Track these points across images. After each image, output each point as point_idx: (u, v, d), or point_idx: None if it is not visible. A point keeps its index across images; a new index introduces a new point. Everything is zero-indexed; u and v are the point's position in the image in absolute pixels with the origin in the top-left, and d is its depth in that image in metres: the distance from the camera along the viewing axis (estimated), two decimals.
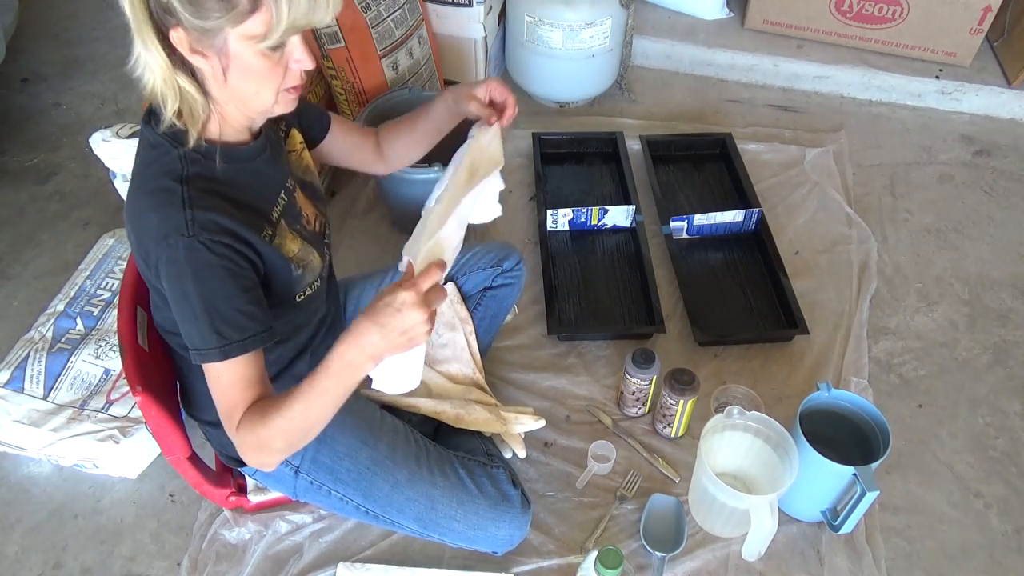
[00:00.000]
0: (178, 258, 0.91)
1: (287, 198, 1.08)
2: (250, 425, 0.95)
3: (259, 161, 1.04)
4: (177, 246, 0.90)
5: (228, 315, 0.93)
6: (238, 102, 0.95)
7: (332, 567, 1.34)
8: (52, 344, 1.60)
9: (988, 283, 1.87)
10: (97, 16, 2.70)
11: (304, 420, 0.94)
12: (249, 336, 0.95)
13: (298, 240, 1.08)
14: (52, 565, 1.37)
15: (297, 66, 0.94)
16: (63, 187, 2.08)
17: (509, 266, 1.50)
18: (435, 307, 0.91)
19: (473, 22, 2.10)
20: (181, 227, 0.90)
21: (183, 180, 0.93)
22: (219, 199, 0.95)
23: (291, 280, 1.06)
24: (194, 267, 0.91)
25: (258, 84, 0.93)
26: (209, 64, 0.90)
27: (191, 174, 0.94)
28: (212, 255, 0.91)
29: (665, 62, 2.49)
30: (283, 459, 1.01)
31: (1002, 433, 1.58)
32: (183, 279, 0.91)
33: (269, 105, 0.96)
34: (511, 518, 1.27)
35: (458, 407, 1.40)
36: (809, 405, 1.34)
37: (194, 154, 0.95)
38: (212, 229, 0.92)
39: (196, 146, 0.95)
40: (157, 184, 0.94)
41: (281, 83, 0.94)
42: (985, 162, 2.20)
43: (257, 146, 1.03)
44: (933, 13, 2.25)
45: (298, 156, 1.18)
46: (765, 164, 2.13)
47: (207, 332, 0.93)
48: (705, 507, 1.36)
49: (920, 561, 1.39)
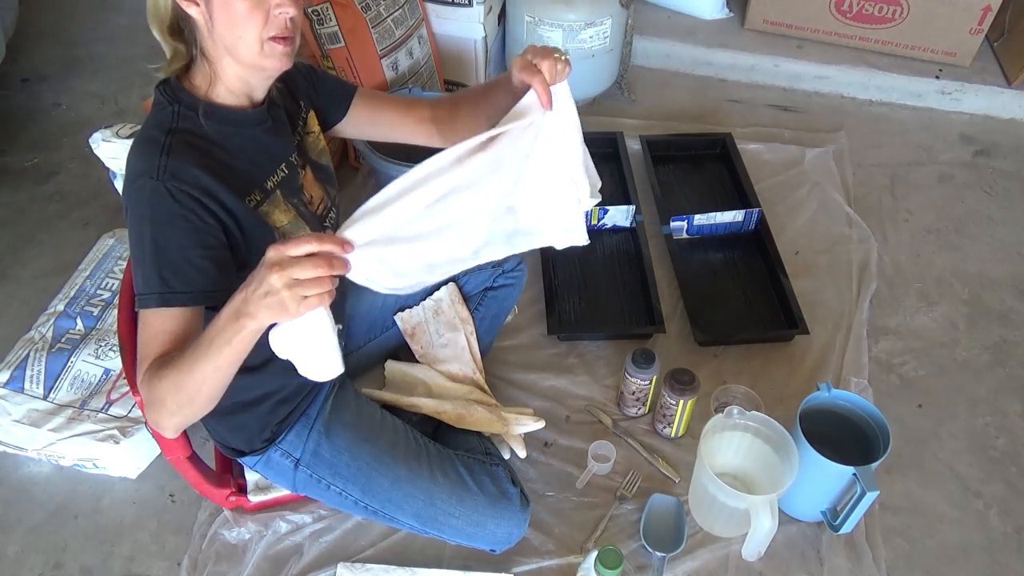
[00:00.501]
0: (142, 200, 0.93)
1: (287, 171, 1.10)
2: (147, 379, 0.92)
3: (258, 129, 1.06)
4: (144, 188, 0.92)
5: (177, 264, 0.93)
6: (227, 52, 0.98)
7: (332, 567, 1.34)
8: (52, 344, 1.60)
9: (988, 283, 1.87)
10: (97, 16, 2.70)
11: (191, 375, 0.87)
12: (195, 291, 0.93)
13: (291, 213, 1.09)
14: (52, 565, 1.37)
15: (279, 12, 0.95)
16: (63, 187, 2.08)
17: (510, 266, 1.51)
18: (301, 276, 0.76)
19: (473, 22, 2.10)
20: (152, 171, 0.93)
21: (169, 131, 0.97)
22: (204, 156, 0.97)
23: None
24: (154, 210, 0.93)
25: (241, 29, 0.95)
26: (200, 13, 0.94)
27: (179, 127, 0.98)
28: (175, 203, 0.93)
29: (665, 62, 2.49)
30: (176, 424, 0.95)
31: (1002, 433, 1.58)
32: (142, 221, 0.93)
33: (256, 54, 0.97)
34: (510, 515, 1.27)
35: (459, 407, 1.40)
36: (809, 405, 1.34)
37: (188, 111, 0.99)
38: (182, 178, 0.94)
39: (191, 104, 0.99)
40: (145, 134, 0.97)
41: (263, 29, 0.95)
42: (985, 162, 2.20)
43: (256, 114, 1.05)
44: (933, 13, 2.25)
45: (315, 138, 1.20)
46: (765, 164, 2.13)
47: (152, 275, 0.92)
48: (705, 507, 1.36)
49: (920, 561, 1.39)
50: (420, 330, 1.47)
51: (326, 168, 1.21)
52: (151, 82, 1.02)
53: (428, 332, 1.47)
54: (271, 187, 1.06)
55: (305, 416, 1.24)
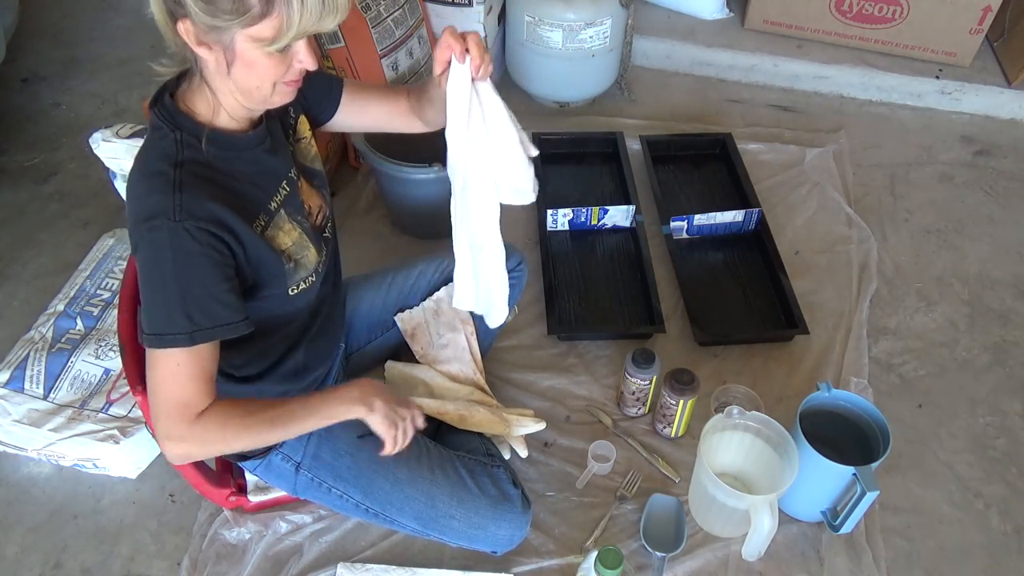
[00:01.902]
0: (160, 242, 0.92)
1: (289, 188, 1.09)
2: (202, 423, 0.97)
3: (259, 150, 1.04)
4: (162, 228, 0.91)
5: (202, 302, 0.94)
6: (238, 93, 0.96)
7: (332, 567, 1.34)
8: (52, 344, 1.60)
9: (988, 283, 1.87)
10: (97, 16, 2.70)
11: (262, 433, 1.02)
12: (220, 324, 0.96)
13: (296, 232, 1.08)
14: (52, 565, 1.37)
15: (300, 65, 0.96)
16: (63, 187, 2.08)
17: (510, 266, 1.50)
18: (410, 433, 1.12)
19: (473, 22, 2.10)
20: (168, 211, 0.91)
21: (177, 164, 0.95)
22: (213, 186, 0.96)
23: (282, 273, 1.06)
24: (175, 252, 0.92)
25: (260, 79, 0.94)
26: (213, 56, 0.91)
27: (186, 158, 0.95)
28: (195, 242, 0.92)
29: (665, 62, 2.49)
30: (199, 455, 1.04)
31: (1002, 433, 1.58)
32: (161, 263, 0.92)
33: (268, 97, 0.97)
34: (512, 518, 1.27)
35: (461, 408, 1.40)
36: (809, 405, 1.34)
37: (191, 138, 0.97)
38: (199, 215, 0.93)
39: (193, 131, 0.97)
40: (153, 168, 0.95)
41: (282, 78, 0.95)
42: (985, 162, 2.20)
43: (257, 135, 1.04)
44: (933, 13, 2.25)
45: (307, 144, 1.18)
46: (765, 164, 2.13)
47: (178, 316, 0.93)
48: (705, 507, 1.36)
49: (920, 561, 1.39)
50: (420, 331, 1.47)
51: (319, 173, 1.20)
52: (151, 82, 1.01)
53: (428, 333, 1.47)
54: (275, 207, 1.06)
55: None
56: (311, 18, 0.88)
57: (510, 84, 2.36)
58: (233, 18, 0.86)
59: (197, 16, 0.86)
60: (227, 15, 0.86)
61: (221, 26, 0.87)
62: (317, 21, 0.89)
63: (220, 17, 0.86)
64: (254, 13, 0.86)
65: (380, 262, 1.82)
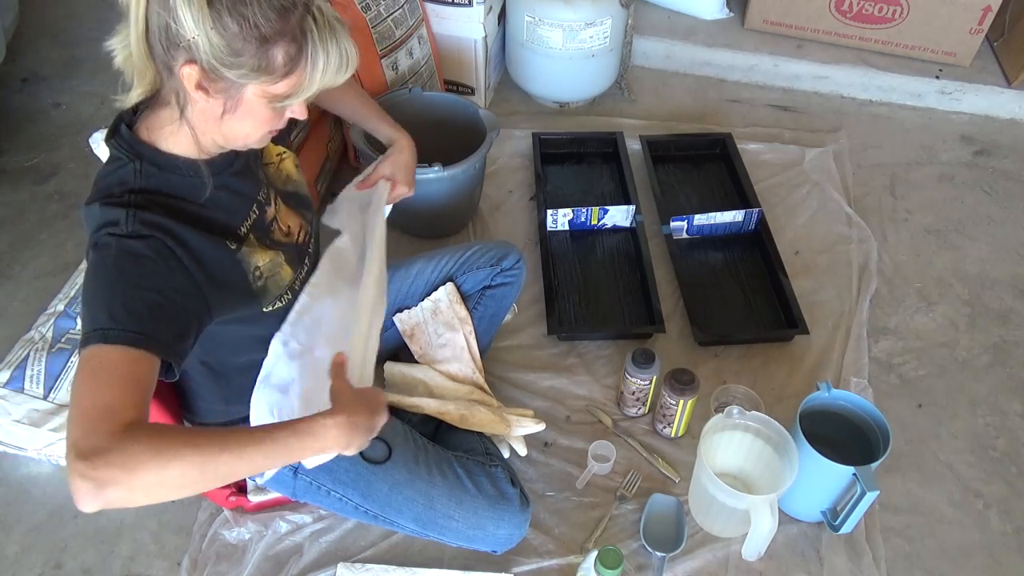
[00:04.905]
0: (107, 243, 0.87)
1: (257, 212, 1.06)
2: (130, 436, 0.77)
3: (227, 173, 1.01)
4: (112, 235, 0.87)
5: (136, 304, 0.84)
6: (219, 135, 0.94)
7: (332, 567, 1.34)
8: (52, 344, 1.59)
9: (988, 283, 1.87)
10: (96, 16, 2.70)
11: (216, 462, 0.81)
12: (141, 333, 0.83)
13: (268, 254, 1.05)
14: (52, 565, 1.37)
15: (292, 115, 0.95)
16: (63, 187, 2.08)
17: (508, 265, 1.50)
18: None
19: (473, 22, 2.10)
20: (120, 220, 0.88)
21: (131, 191, 0.91)
22: (171, 210, 0.92)
23: (251, 293, 1.03)
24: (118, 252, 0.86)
25: (254, 128, 0.93)
26: (209, 102, 0.88)
27: (142, 187, 0.92)
28: (141, 244, 0.87)
29: (665, 62, 2.49)
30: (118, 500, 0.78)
31: (1002, 433, 1.58)
32: (104, 263, 0.86)
33: (251, 143, 0.97)
34: (510, 517, 1.27)
35: (462, 408, 1.40)
36: (809, 405, 1.34)
37: (150, 167, 0.93)
38: (151, 223, 0.89)
39: (154, 160, 0.93)
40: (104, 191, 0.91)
41: (274, 127, 0.96)
42: (985, 162, 2.20)
43: (224, 159, 1.01)
44: (933, 13, 2.25)
45: (276, 168, 1.15)
46: (765, 164, 2.13)
47: (101, 314, 0.83)
48: (705, 507, 1.36)
49: (920, 561, 1.39)
50: (419, 331, 1.47)
51: (296, 195, 1.17)
52: None
53: (427, 332, 1.47)
54: (244, 232, 1.02)
55: None
56: (329, 78, 0.88)
57: (510, 84, 2.37)
58: (255, 76, 0.85)
59: (210, 65, 0.84)
60: (250, 72, 0.85)
61: (236, 80, 0.85)
62: (333, 79, 0.89)
63: (239, 71, 0.84)
64: (277, 73, 0.86)
65: None
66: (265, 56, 0.84)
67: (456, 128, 1.85)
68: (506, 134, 2.15)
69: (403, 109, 1.86)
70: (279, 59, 0.85)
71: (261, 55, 0.84)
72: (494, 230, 1.94)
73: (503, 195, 2.04)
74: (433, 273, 1.48)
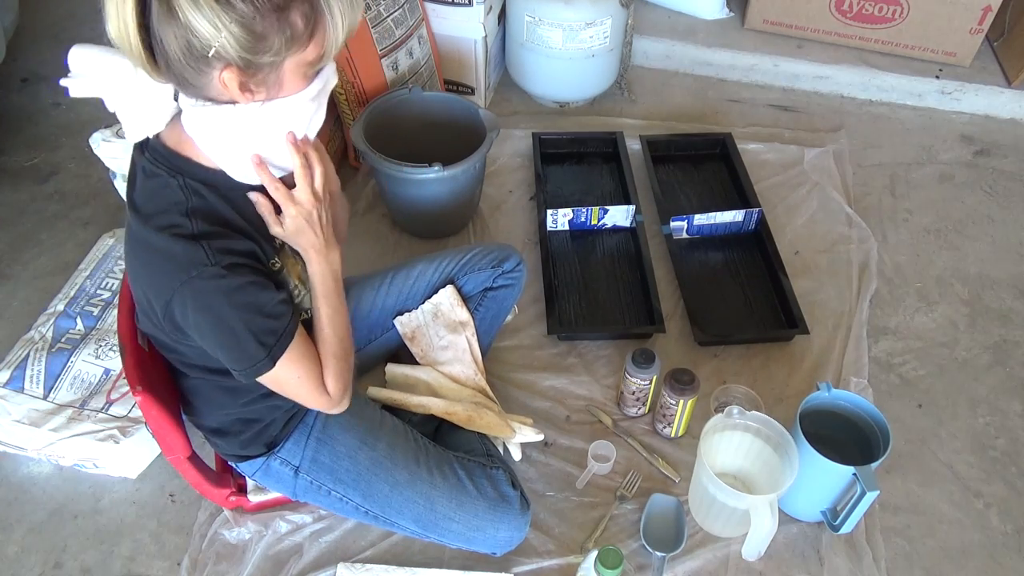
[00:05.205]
0: (206, 288, 0.91)
1: None
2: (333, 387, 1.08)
3: None
4: (203, 276, 0.91)
5: (266, 324, 0.97)
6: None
7: (332, 567, 1.34)
8: (52, 344, 1.60)
9: (988, 283, 1.87)
10: (97, 16, 2.67)
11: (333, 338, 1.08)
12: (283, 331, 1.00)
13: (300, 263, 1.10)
14: (52, 565, 1.37)
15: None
16: (63, 187, 2.08)
17: (509, 267, 1.50)
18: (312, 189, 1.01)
19: (473, 22, 2.10)
20: (203, 258, 0.91)
21: (188, 213, 0.93)
22: (227, 228, 0.96)
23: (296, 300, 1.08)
24: (225, 292, 0.92)
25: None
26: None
27: (195, 206, 0.94)
28: (238, 277, 0.93)
29: (665, 62, 2.49)
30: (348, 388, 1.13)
31: (1002, 433, 1.58)
32: (218, 307, 0.93)
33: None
34: (510, 519, 1.27)
35: (469, 409, 1.40)
36: (809, 405, 1.34)
37: (194, 183, 0.95)
38: (232, 251, 0.93)
39: (192, 173, 0.95)
40: (165, 220, 0.93)
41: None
42: (985, 162, 2.20)
43: None
44: (933, 13, 2.25)
45: None
46: (765, 164, 2.13)
47: (254, 348, 0.97)
48: (705, 507, 1.36)
49: (920, 561, 1.39)
50: (420, 333, 1.47)
51: None
52: None
53: (428, 335, 1.47)
54: (280, 243, 1.06)
55: (303, 424, 1.24)
56: (348, 19, 0.89)
57: (510, 84, 2.36)
58: (286, 49, 0.86)
59: (244, 59, 0.85)
60: (281, 48, 0.86)
61: (269, 61, 0.86)
62: (352, 18, 0.90)
63: (271, 52, 0.85)
64: (303, 37, 0.87)
65: (380, 262, 1.83)
66: (287, 25, 0.85)
67: (456, 128, 1.86)
68: (506, 134, 2.15)
69: (403, 109, 1.87)
70: (299, 22, 0.86)
71: (283, 26, 0.85)
72: (494, 230, 1.94)
73: (503, 195, 2.04)
74: (434, 275, 1.48)
